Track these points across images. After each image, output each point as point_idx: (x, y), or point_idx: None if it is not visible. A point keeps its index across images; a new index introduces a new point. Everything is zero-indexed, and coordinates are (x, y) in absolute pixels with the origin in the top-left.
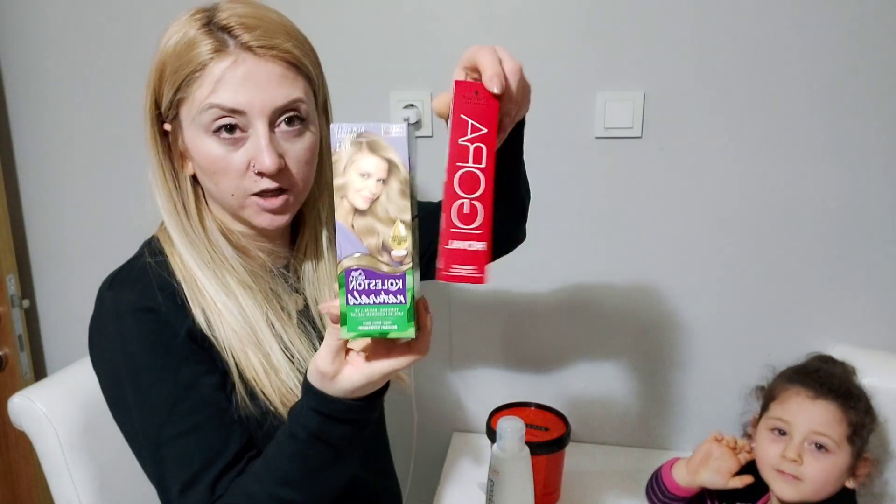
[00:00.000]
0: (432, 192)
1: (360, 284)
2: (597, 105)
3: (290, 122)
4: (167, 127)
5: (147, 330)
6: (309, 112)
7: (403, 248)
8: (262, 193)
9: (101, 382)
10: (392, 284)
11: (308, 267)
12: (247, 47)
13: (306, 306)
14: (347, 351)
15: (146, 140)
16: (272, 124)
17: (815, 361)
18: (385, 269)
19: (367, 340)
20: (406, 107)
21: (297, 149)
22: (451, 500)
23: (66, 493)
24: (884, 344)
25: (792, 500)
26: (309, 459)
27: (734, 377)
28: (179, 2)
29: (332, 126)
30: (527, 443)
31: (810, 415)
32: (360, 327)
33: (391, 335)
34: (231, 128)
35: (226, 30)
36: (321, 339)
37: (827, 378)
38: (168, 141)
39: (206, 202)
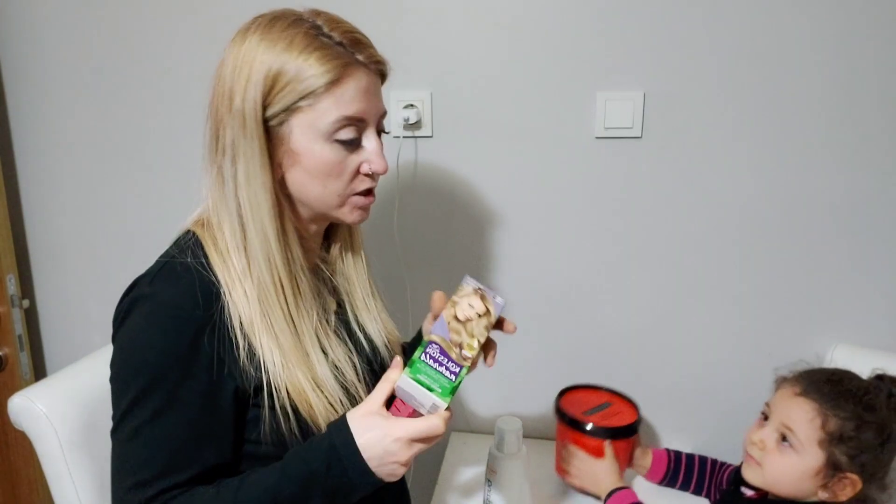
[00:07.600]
0: (430, 187)
1: (434, 352)
2: (597, 105)
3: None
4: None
5: (170, 332)
6: None
7: (471, 352)
8: (365, 192)
9: (112, 359)
10: (452, 366)
11: (339, 262)
12: (362, 63)
13: (339, 306)
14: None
15: (248, 145)
16: (378, 130)
17: (841, 372)
18: (454, 355)
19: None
20: (406, 107)
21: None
22: (449, 499)
23: (66, 493)
24: (884, 344)
25: (754, 484)
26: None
27: (735, 377)
28: (180, 2)
29: (467, 277)
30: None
31: (786, 407)
32: (419, 375)
33: (434, 393)
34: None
35: (341, 46)
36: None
37: (822, 382)
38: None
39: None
